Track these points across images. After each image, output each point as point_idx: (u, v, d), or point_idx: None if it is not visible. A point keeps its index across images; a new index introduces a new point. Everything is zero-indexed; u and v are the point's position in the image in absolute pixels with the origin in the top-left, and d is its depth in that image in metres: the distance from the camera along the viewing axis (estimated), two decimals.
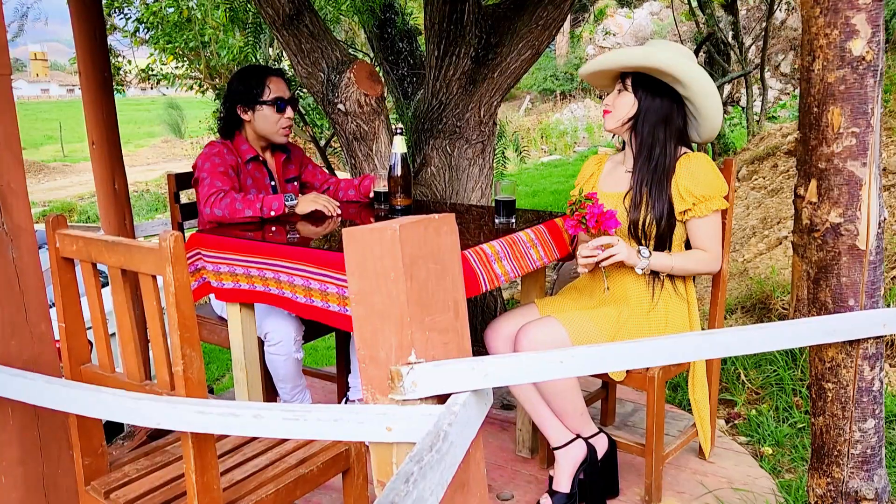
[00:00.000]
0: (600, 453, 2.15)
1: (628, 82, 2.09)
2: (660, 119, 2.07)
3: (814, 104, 1.37)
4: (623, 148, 2.23)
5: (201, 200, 2.37)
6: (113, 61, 8.69)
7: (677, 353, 1.35)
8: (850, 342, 1.43)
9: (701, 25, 9.00)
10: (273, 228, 2.34)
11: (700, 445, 2.44)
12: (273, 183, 2.60)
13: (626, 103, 2.11)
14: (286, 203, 2.39)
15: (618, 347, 1.28)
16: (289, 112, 2.53)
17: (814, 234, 1.44)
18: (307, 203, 2.43)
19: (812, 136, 1.39)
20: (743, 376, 3.08)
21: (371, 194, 2.65)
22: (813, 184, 1.42)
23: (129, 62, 9.50)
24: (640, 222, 2.06)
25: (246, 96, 2.48)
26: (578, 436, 2.13)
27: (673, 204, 2.06)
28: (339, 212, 2.47)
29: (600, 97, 16.97)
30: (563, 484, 2.12)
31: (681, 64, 2.00)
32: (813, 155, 1.40)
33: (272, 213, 2.37)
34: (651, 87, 2.06)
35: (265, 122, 2.50)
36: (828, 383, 1.49)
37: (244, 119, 2.52)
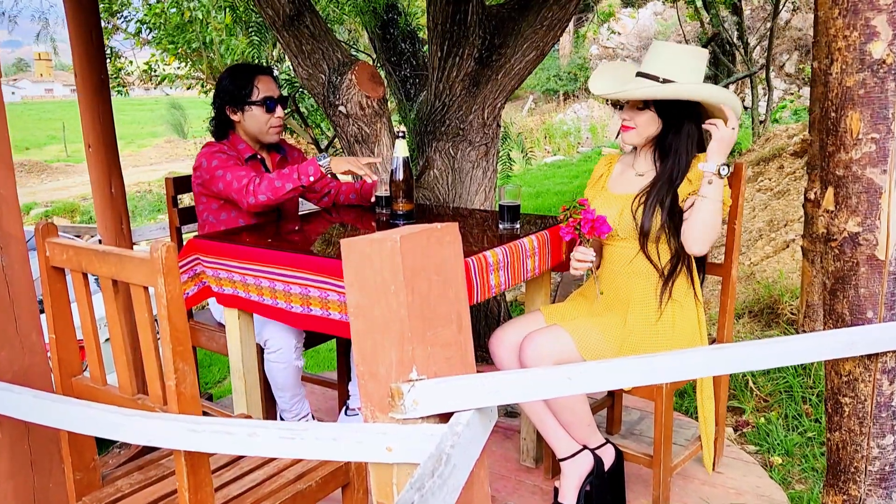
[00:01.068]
0: (607, 465, 2.10)
1: (650, 99, 2.03)
2: (684, 135, 2.02)
3: (831, 109, 1.32)
4: (633, 149, 2.18)
5: (238, 193, 2.29)
6: (115, 62, 8.66)
7: (688, 368, 1.30)
8: (869, 356, 1.38)
9: (706, 25, 8.95)
10: (273, 234, 2.29)
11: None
12: None
13: (649, 122, 2.04)
14: (320, 163, 2.33)
15: (627, 363, 1.22)
16: (279, 111, 2.47)
17: (831, 244, 1.39)
18: (340, 163, 2.37)
19: (830, 141, 1.34)
20: (751, 383, 3.02)
21: (372, 199, 2.60)
22: (830, 191, 1.36)
23: (132, 62, 9.48)
24: (653, 231, 2.01)
25: (234, 97, 2.44)
26: (585, 446, 2.08)
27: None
28: (375, 178, 2.41)
29: (604, 98, 16.87)
30: (569, 496, 2.07)
31: (712, 94, 1.97)
32: (830, 161, 1.35)
33: (311, 179, 2.30)
34: (675, 103, 2.01)
35: (255, 121, 2.46)
36: (845, 398, 1.43)
37: (234, 120, 2.48)
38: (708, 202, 1.93)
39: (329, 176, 2.37)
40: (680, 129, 2.02)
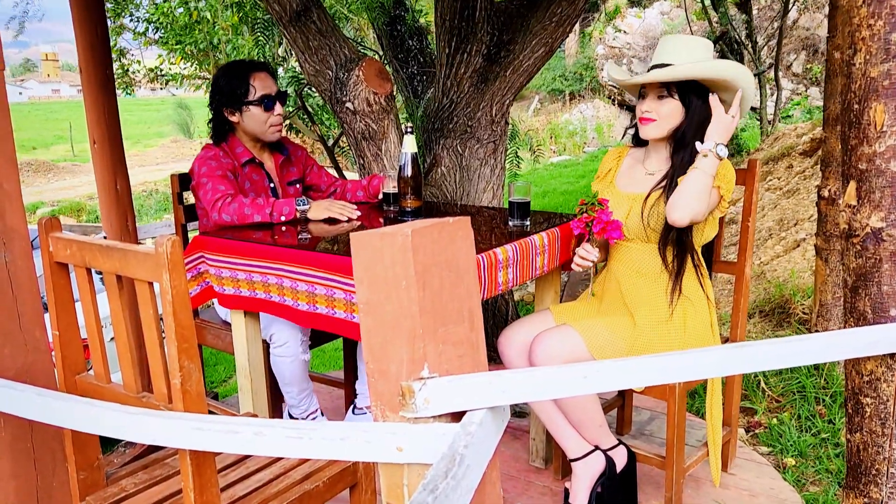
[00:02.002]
0: (619, 466, 2.06)
1: (673, 87, 1.97)
2: (701, 124, 1.96)
3: (854, 101, 1.28)
4: (642, 144, 2.14)
5: (207, 205, 2.29)
6: (122, 61, 8.65)
7: (706, 367, 1.27)
8: (892, 355, 1.34)
9: (714, 24, 8.89)
10: (282, 230, 2.26)
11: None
12: (273, 185, 2.51)
13: (672, 112, 1.98)
14: (297, 208, 2.31)
15: (643, 362, 1.19)
16: (278, 109, 2.43)
17: (852, 240, 1.35)
18: (320, 210, 2.34)
19: (852, 134, 1.30)
20: (763, 384, 2.98)
21: (380, 195, 2.57)
22: (852, 186, 1.32)
23: (139, 62, 9.48)
24: (671, 228, 1.97)
25: (231, 98, 2.39)
26: (597, 447, 2.05)
27: None
28: (358, 214, 2.37)
29: (610, 98, 16.83)
30: (580, 497, 2.04)
31: (742, 74, 1.92)
32: (853, 155, 1.31)
33: (282, 218, 2.30)
34: (697, 91, 1.95)
35: (254, 121, 2.41)
36: (866, 398, 1.40)
37: (233, 121, 2.44)
38: (699, 173, 1.88)
39: (303, 219, 2.35)
40: (699, 117, 1.96)
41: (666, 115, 1.99)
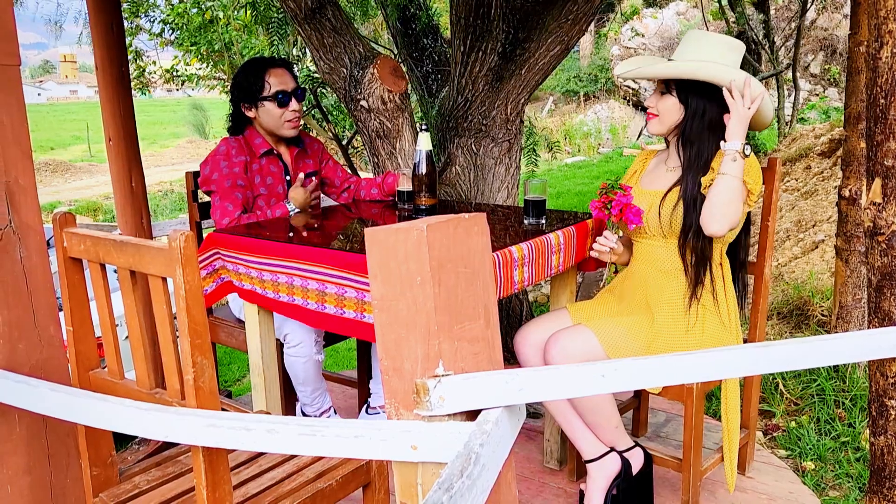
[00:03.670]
0: (635, 468, 2.03)
1: (672, 84, 1.96)
2: (708, 123, 1.93)
3: (880, 95, 1.25)
4: (667, 144, 2.12)
5: (216, 223, 2.36)
6: (139, 62, 8.71)
7: (729, 366, 1.24)
8: None
9: (731, 24, 8.81)
10: (292, 228, 2.26)
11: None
12: (289, 178, 2.52)
13: (671, 108, 1.98)
14: (290, 209, 2.44)
15: (663, 361, 1.16)
16: (293, 105, 2.45)
17: (877, 238, 1.32)
18: (303, 201, 2.46)
19: (878, 130, 1.27)
20: (781, 386, 2.94)
21: (395, 193, 2.56)
22: (877, 183, 1.29)
23: (154, 63, 9.54)
24: (690, 228, 1.94)
25: (247, 93, 2.43)
26: (613, 449, 2.02)
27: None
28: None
29: (625, 98, 16.74)
30: (595, 499, 2.01)
31: (729, 75, 1.86)
32: (878, 151, 1.28)
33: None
34: (697, 89, 1.92)
35: (269, 117, 2.44)
36: (891, 400, 1.36)
37: (249, 116, 2.46)
38: (729, 179, 1.85)
39: (293, 213, 2.46)
40: (702, 116, 1.94)
41: (664, 110, 1.99)
